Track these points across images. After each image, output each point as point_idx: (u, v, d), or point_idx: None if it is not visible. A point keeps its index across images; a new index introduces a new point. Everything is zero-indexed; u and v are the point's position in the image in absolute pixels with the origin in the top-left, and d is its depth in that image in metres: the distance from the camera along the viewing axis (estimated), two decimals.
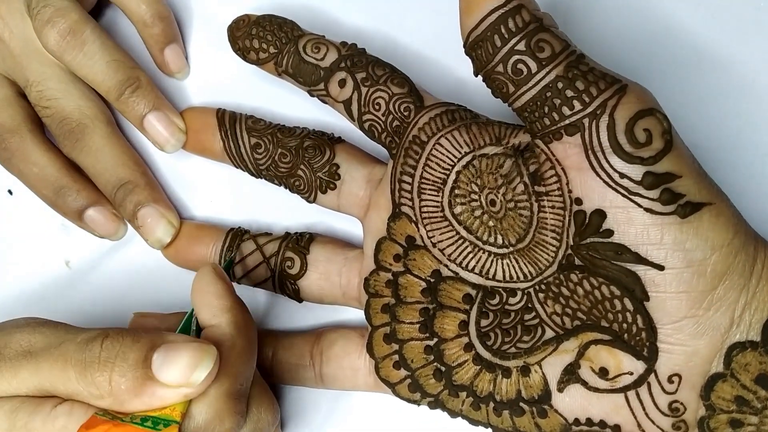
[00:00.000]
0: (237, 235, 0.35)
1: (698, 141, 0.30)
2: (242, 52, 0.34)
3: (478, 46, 0.28)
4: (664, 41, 0.35)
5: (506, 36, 0.27)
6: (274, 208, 0.37)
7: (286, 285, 0.34)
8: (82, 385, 0.26)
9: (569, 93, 0.26)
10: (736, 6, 0.35)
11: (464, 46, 0.29)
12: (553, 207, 0.29)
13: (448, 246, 0.31)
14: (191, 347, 0.27)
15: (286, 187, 0.35)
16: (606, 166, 0.26)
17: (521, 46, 0.27)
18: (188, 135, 0.36)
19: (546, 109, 0.27)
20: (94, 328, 0.28)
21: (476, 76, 0.29)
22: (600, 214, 0.27)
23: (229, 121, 0.35)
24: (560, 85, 0.27)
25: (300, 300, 0.35)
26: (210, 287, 0.30)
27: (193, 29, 0.38)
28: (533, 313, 0.30)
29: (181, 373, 0.26)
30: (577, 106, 0.26)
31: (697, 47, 0.35)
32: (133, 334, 0.27)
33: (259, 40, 0.33)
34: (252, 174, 0.35)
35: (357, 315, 0.35)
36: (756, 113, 0.34)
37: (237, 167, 0.35)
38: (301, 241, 0.35)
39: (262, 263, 0.34)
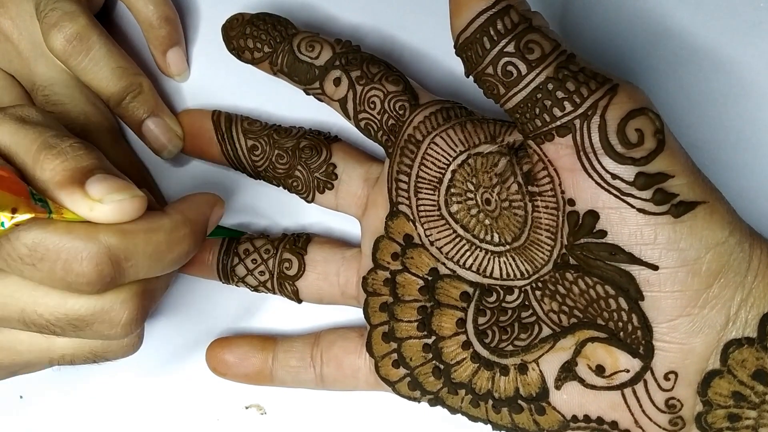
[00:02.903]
0: (234, 238, 0.35)
1: (697, 141, 0.30)
2: (237, 51, 0.34)
3: (467, 48, 0.28)
4: (664, 41, 0.34)
5: (495, 38, 0.27)
6: (271, 209, 0.37)
7: (284, 286, 0.34)
8: (32, 160, 0.26)
9: (560, 94, 0.26)
10: (736, 6, 0.34)
11: (454, 48, 0.28)
12: (546, 207, 0.28)
13: (445, 244, 0.31)
14: (124, 181, 0.26)
15: (284, 188, 0.35)
16: (598, 167, 0.26)
17: (510, 48, 0.27)
18: (185, 139, 0.36)
19: (537, 110, 0.27)
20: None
21: (467, 77, 0.29)
22: (593, 215, 0.27)
23: (225, 124, 0.35)
24: (550, 86, 0.26)
25: (299, 301, 0.35)
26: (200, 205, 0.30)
27: (189, 29, 0.38)
28: (530, 311, 0.30)
29: (102, 190, 0.26)
30: (568, 107, 0.26)
31: (696, 47, 0.34)
32: (93, 150, 0.27)
33: (254, 39, 0.33)
34: (250, 175, 0.35)
35: (356, 315, 0.35)
36: (755, 113, 0.34)
37: (236, 169, 0.35)
38: (298, 242, 0.35)
39: (260, 265, 0.35)
